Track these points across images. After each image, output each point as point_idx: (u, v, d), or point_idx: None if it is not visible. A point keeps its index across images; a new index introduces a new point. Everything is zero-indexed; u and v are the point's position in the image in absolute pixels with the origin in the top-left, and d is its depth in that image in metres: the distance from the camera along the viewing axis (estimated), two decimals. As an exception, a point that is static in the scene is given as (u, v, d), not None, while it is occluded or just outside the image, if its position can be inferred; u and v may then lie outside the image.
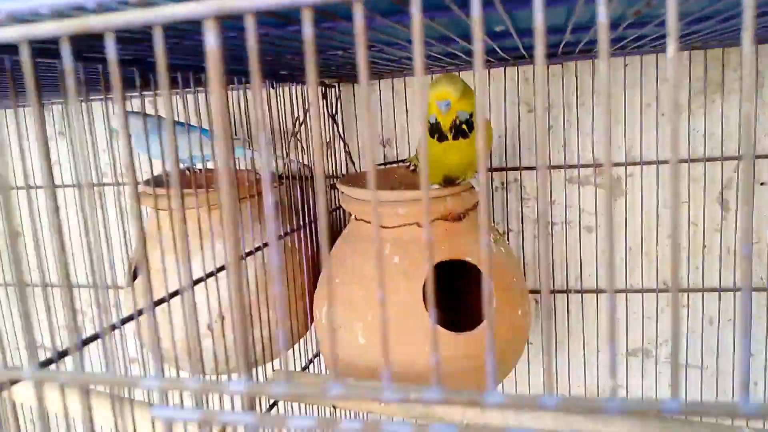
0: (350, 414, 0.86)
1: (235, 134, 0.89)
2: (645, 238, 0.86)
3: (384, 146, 0.93)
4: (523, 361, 0.94)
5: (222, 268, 0.68)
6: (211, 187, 0.79)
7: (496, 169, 0.88)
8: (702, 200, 0.83)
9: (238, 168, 0.89)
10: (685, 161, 0.83)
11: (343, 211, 0.90)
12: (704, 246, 0.85)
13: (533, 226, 0.89)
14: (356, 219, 0.74)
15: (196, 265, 0.74)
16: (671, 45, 0.17)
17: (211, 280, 0.71)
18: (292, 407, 0.80)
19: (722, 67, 0.80)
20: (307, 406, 0.80)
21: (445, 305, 0.84)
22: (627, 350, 0.89)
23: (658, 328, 0.88)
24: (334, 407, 0.64)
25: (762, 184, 0.83)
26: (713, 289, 0.85)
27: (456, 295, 0.87)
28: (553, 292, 0.90)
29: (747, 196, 0.18)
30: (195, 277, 0.67)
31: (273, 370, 0.68)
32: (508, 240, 0.90)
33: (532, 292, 0.90)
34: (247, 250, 0.72)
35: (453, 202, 0.69)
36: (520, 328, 0.73)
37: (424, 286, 0.66)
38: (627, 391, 0.90)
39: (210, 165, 0.87)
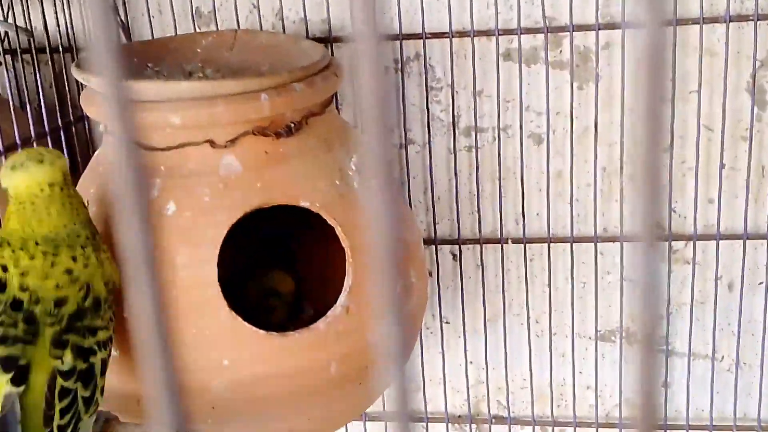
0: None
1: None
2: (629, 151, 0.76)
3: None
4: (436, 349, 0.86)
5: None
6: None
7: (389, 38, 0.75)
8: (721, 88, 0.73)
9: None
10: (690, 22, 0.71)
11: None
12: (722, 164, 0.75)
13: (447, 134, 0.79)
14: (107, 132, 0.64)
15: None
16: None
17: None
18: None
19: None
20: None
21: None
22: (597, 331, 0.83)
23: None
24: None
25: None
26: (735, 236, 0.77)
27: (291, 260, 0.79)
28: (480, 242, 0.82)
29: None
30: None
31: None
32: (405, 156, 0.79)
33: (445, 242, 0.83)
34: None
35: (278, 104, 0.60)
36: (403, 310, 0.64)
37: (221, 254, 0.58)
38: (597, 396, 0.84)
39: None
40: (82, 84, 0.64)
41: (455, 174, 0.80)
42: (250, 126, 0.59)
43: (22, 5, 0.73)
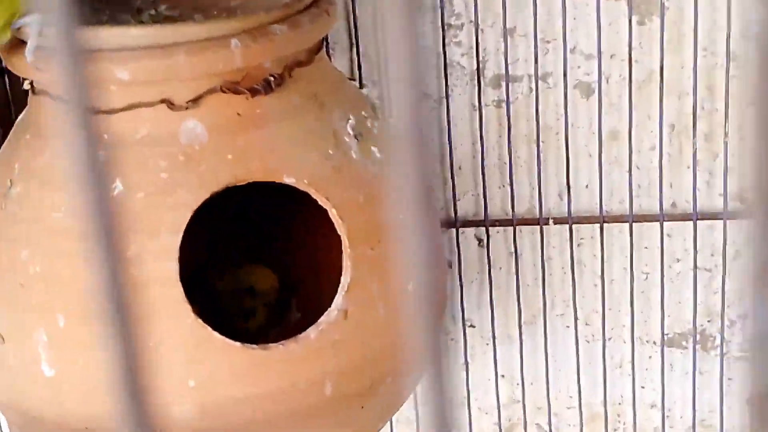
0: None
1: None
2: (704, 104, 0.79)
3: None
4: (458, 360, 0.88)
5: None
6: None
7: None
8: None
9: None
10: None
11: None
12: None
13: (470, 84, 0.81)
14: (34, 93, 0.65)
15: None
16: None
17: None
18: None
19: None
20: None
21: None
22: (664, 335, 0.84)
23: (725, 288, 0.83)
24: None
25: None
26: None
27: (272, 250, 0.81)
28: (513, 223, 0.83)
29: None
30: None
31: None
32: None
33: (469, 224, 0.84)
34: None
35: (253, 52, 0.62)
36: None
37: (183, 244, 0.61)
38: (664, 416, 0.86)
39: None
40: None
41: (481, 136, 0.82)
42: (218, 81, 0.60)
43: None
